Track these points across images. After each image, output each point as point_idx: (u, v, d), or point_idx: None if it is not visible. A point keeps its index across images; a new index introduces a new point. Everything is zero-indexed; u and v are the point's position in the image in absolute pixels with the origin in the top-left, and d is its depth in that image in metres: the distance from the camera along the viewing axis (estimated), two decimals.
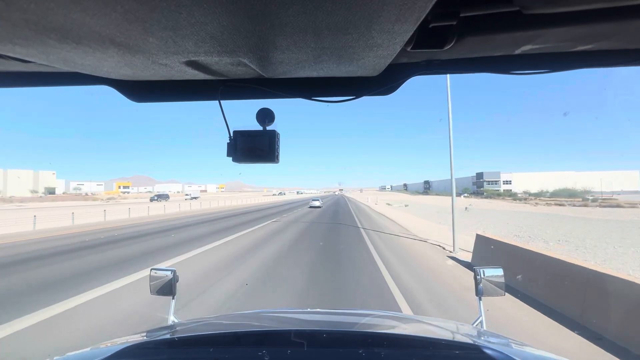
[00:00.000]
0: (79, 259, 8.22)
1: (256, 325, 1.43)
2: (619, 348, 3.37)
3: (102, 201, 61.14)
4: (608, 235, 13.50)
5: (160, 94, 1.18)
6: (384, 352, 0.90)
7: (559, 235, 13.72)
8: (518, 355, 0.93)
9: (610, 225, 17.19)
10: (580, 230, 15.03)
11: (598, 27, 0.81)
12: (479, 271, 1.53)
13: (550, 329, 3.96)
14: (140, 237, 12.45)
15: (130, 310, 4.58)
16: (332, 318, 1.62)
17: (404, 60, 1.05)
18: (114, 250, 9.63)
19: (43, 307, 4.55)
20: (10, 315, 4.22)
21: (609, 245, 10.89)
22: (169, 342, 1.10)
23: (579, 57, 1.01)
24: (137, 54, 0.83)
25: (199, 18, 0.65)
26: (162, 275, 1.58)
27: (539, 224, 18.10)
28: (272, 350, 0.91)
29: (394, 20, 0.67)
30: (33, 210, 25.39)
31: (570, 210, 29.51)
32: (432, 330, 1.30)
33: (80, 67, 0.94)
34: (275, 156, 1.11)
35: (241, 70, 1.00)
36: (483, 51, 1.00)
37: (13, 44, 0.74)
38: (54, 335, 3.79)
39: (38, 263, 7.77)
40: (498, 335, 1.30)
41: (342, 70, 1.02)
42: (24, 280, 6.29)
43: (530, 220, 20.83)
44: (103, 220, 19.48)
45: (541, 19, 0.78)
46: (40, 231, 14.44)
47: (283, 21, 0.68)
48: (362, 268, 7.23)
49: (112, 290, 5.48)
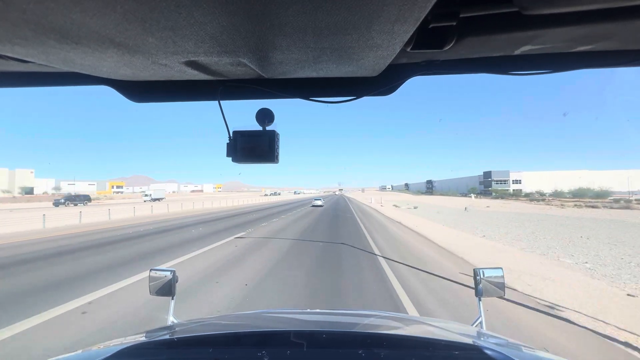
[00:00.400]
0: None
1: (256, 325, 1.43)
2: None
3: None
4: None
5: (159, 94, 1.18)
6: (383, 352, 0.90)
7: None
8: (517, 356, 0.93)
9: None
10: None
11: (598, 28, 0.81)
12: (478, 272, 1.53)
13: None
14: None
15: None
16: (331, 318, 1.62)
17: (403, 60, 1.05)
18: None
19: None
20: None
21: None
22: (168, 343, 1.10)
23: (578, 58, 1.01)
24: (137, 54, 0.83)
25: (199, 18, 0.65)
26: (162, 275, 1.58)
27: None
28: (271, 350, 0.91)
29: (393, 20, 0.67)
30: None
31: (610, 214, 25.10)
32: (431, 330, 1.30)
33: (80, 67, 0.94)
34: (275, 156, 1.11)
35: (241, 70, 1.00)
36: (483, 52, 1.00)
37: (12, 44, 0.74)
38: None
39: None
40: (498, 336, 1.30)
41: (341, 70, 1.02)
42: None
43: (622, 231, 14.90)
44: (52, 227, 15.23)
45: (541, 20, 0.79)
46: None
47: (283, 21, 0.68)
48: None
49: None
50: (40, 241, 11.00)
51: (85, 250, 9.06)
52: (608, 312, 4.27)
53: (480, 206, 38.02)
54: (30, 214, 22.62)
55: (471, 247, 9.78)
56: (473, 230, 15.14)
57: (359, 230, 13.72)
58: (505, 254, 8.94)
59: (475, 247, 9.73)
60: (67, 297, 4.87)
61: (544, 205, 41.43)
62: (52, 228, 15.25)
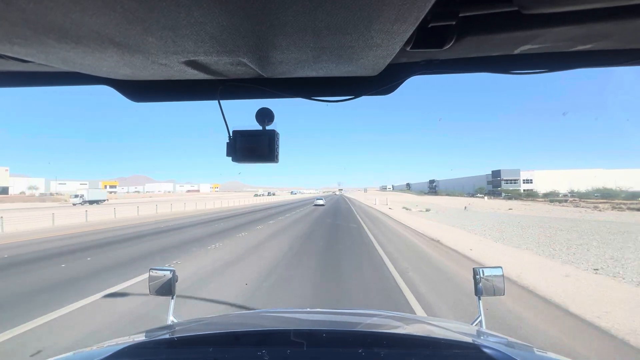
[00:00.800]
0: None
1: (256, 325, 1.43)
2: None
3: (60, 203, 49.94)
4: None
5: (159, 94, 1.19)
6: (383, 351, 0.90)
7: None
8: (518, 355, 0.93)
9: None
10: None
11: (597, 27, 0.81)
12: (478, 271, 1.53)
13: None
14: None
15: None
16: (331, 318, 1.62)
17: (403, 60, 1.05)
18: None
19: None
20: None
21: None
22: (168, 342, 1.10)
23: (578, 57, 1.02)
24: (137, 53, 0.83)
25: (198, 18, 0.65)
26: (161, 275, 1.58)
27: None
28: (271, 350, 0.91)
29: (393, 20, 0.67)
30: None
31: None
32: (431, 329, 1.31)
33: (80, 67, 0.94)
34: (274, 156, 1.11)
35: (241, 70, 1.00)
36: (482, 51, 1.00)
37: (12, 44, 0.74)
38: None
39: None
40: (498, 335, 1.31)
41: (341, 70, 1.02)
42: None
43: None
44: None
45: (540, 19, 0.79)
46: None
47: (282, 21, 0.68)
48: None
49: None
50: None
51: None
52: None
53: (501, 208, 34.23)
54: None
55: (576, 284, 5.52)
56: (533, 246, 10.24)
57: (378, 261, 7.72)
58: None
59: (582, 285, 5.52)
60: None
61: (571, 207, 36.59)
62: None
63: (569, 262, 8.22)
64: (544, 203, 46.11)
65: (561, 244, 11.23)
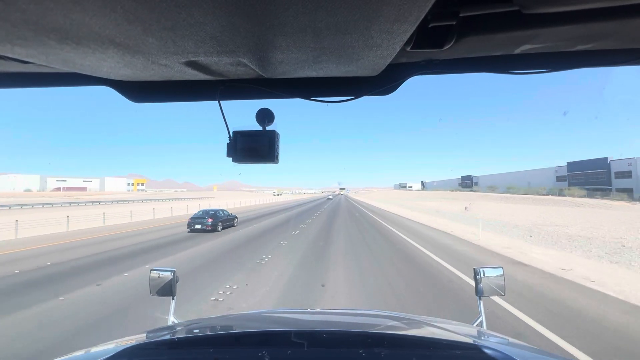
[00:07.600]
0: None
1: (256, 325, 1.43)
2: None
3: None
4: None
5: (159, 95, 1.18)
6: (384, 352, 0.90)
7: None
8: (518, 355, 0.93)
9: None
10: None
11: (597, 27, 0.81)
12: (478, 271, 1.53)
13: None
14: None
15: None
16: (332, 318, 1.62)
17: (403, 60, 1.05)
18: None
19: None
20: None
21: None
22: (169, 343, 1.10)
23: (578, 57, 1.02)
24: (137, 54, 0.83)
25: (199, 18, 0.65)
26: (162, 275, 1.58)
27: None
28: (272, 350, 0.91)
29: (393, 20, 0.67)
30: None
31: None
32: (432, 330, 1.31)
33: (80, 68, 0.94)
34: (275, 156, 1.11)
35: (241, 70, 1.00)
36: (482, 51, 1.00)
37: (12, 45, 0.74)
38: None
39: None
40: (498, 335, 1.31)
41: (341, 70, 1.02)
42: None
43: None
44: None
45: (540, 19, 0.79)
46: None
47: (282, 21, 0.68)
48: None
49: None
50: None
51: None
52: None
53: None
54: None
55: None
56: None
57: None
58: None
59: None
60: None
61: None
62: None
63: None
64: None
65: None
